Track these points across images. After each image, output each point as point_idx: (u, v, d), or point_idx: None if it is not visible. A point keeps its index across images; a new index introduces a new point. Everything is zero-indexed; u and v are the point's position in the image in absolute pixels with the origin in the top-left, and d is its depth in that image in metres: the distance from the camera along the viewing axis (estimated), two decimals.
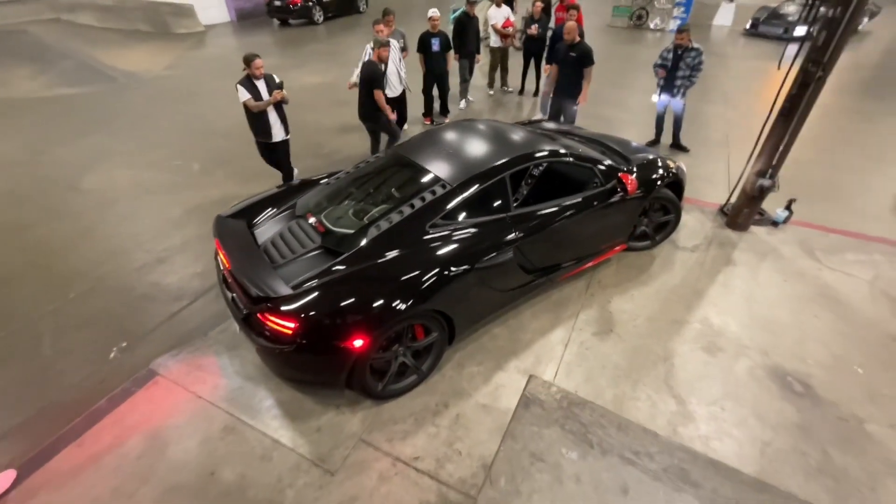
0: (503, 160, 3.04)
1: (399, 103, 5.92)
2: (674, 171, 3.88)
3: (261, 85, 4.44)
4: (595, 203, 3.36)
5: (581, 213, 3.28)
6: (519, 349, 3.14)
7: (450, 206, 2.82)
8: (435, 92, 6.91)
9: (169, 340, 3.24)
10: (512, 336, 3.25)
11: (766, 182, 4.06)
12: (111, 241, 4.39)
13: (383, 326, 2.46)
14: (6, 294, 3.71)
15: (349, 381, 2.57)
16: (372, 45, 5.28)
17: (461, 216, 2.86)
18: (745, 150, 4.48)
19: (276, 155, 4.85)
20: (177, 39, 12.95)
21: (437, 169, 3.00)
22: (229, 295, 2.74)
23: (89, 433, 2.58)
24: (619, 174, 3.47)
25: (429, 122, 7.06)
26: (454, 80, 7.23)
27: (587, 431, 1.35)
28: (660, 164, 3.89)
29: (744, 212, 4.34)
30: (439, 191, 2.84)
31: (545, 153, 3.25)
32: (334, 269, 2.54)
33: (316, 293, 2.41)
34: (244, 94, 4.36)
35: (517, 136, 3.48)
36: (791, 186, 4.57)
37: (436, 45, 6.33)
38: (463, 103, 7.64)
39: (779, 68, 3.92)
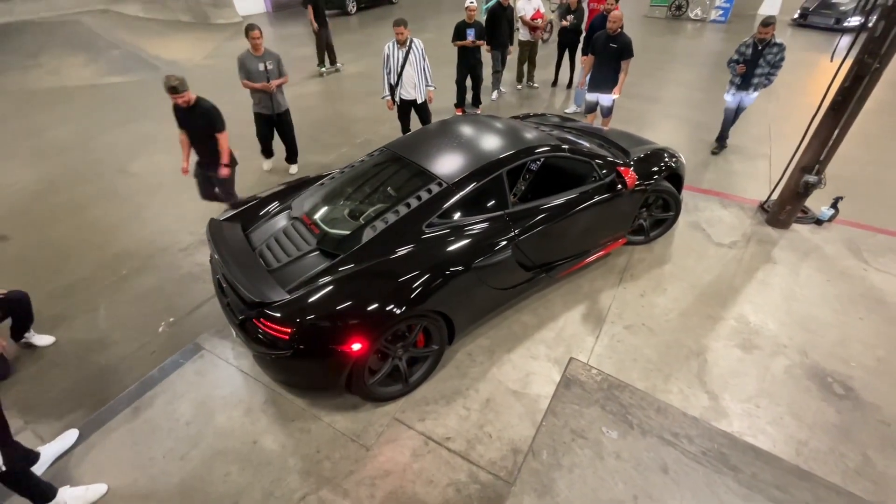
0: (499, 156, 2.97)
1: (418, 107, 5.46)
2: (673, 163, 3.79)
3: None
4: (594, 198, 3.29)
5: (580, 209, 3.22)
6: (549, 338, 3.17)
7: (447, 204, 2.74)
8: (468, 83, 6.91)
9: (212, 318, 3.41)
10: (543, 325, 3.27)
11: (811, 178, 3.92)
12: (158, 222, 4.62)
13: (381, 328, 2.41)
14: (68, 269, 3.97)
15: (349, 384, 2.54)
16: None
17: (458, 215, 2.80)
18: (788, 146, 4.34)
19: None
20: (215, 30, 13.30)
21: (433, 167, 2.93)
22: (224, 300, 2.65)
23: (143, 399, 2.77)
24: (618, 168, 3.40)
25: (461, 113, 7.07)
26: (487, 72, 7.21)
27: (627, 412, 1.38)
28: (658, 156, 3.81)
29: (786, 209, 4.20)
30: (435, 189, 2.77)
31: (542, 148, 3.18)
32: (330, 271, 2.48)
33: (312, 297, 2.35)
34: None
35: (513, 131, 3.39)
36: (837, 183, 4.40)
37: (471, 35, 6.32)
38: (495, 94, 7.62)
39: (832, 60, 3.76)
